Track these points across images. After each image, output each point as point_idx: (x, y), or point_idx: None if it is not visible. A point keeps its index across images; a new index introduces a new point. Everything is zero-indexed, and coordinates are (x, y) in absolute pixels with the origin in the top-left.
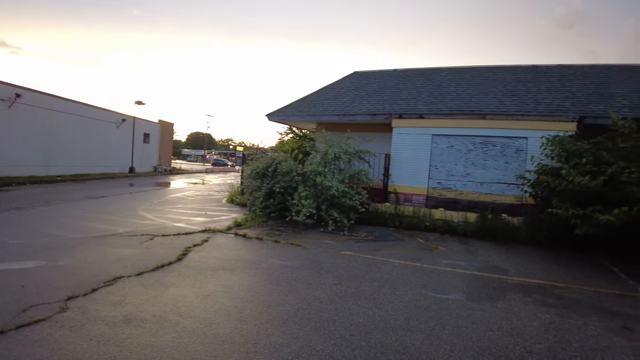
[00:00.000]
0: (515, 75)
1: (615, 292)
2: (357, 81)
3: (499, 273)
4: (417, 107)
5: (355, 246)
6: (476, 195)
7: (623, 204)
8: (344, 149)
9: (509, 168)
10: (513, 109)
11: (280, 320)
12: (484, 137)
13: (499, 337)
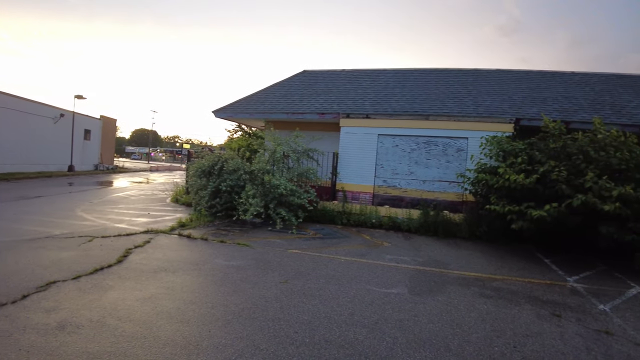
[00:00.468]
0: (457, 78)
1: (547, 282)
2: (306, 80)
3: (441, 267)
4: (363, 107)
5: (303, 244)
6: (419, 193)
7: (554, 200)
8: (292, 147)
9: (451, 167)
10: (455, 110)
11: (224, 320)
12: (427, 137)
13: (439, 329)
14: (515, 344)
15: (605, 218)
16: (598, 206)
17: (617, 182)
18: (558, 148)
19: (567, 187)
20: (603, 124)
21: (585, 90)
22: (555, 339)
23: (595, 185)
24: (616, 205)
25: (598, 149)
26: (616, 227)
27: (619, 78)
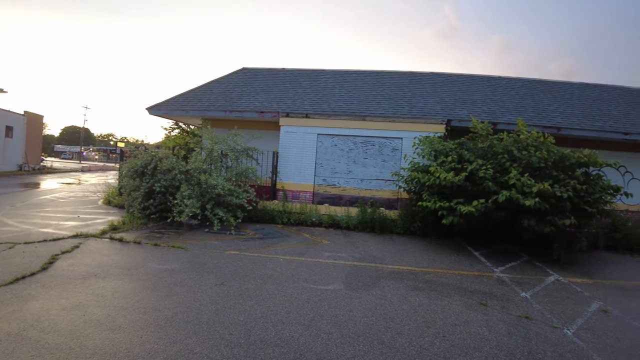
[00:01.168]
0: (393, 80)
1: (475, 273)
2: (245, 77)
3: (376, 262)
4: (303, 106)
5: (242, 245)
6: (358, 191)
7: (481, 196)
8: (231, 146)
9: (386, 166)
10: (390, 111)
11: (157, 326)
12: (364, 137)
13: (373, 322)
14: (444, 333)
15: (527, 212)
16: (520, 201)
17: (537, 179)
18: (485, 147)
19: (493, 184)
20: (526, 125)
21: (511, 94)
22: (481, 327)
23: (518, 182)
24: (536, 200)
25: (521, 149)
26: (536, 220)
27: (540, 83)
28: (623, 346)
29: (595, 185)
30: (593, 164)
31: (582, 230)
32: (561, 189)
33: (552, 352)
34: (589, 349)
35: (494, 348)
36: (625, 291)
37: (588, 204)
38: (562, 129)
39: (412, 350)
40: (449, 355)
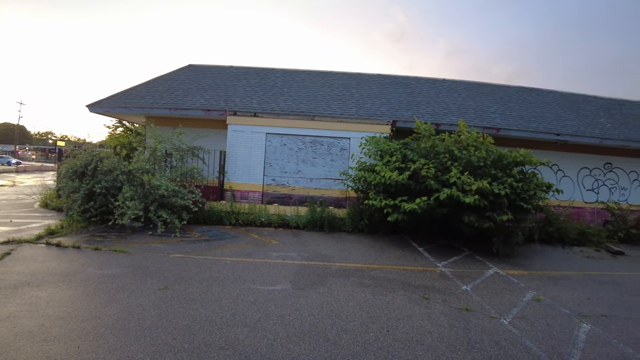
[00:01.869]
0: (341, 81)
1: (419, 268)
2: (191, 74)
3: (324, 260)
4: (251, 105)
5: (187, 247)
6: (307, 190)
7: (425, 194)
8: (175, 145)
9: (335, 165)
10: (338, 111)
11: (96, 334)
12: (313, 136)
13: (319, 320)
14: (388, 327)
15: (468, 209)
16: (461, 198)
17: (476, 177)
18: (428, 147)
19: (435, 182)
20: (467, 126)
21: (454, 96)
22: (424, 320)
23: (458, 180)
24: (475, 197)
25: (461, 148)
26: (476, 216)
27: (481, 86)
28: (553, 332)
29: (530, 183)
30: (528, 163)
31: (519, 225)
32: (499, 186)
33: (489, 341)
34: (523, 336)
35: (436, 340)
36: (556, 280)
37: (524, 200)
38: (500, 129)
39: (356, 346)
40: (392, 349)
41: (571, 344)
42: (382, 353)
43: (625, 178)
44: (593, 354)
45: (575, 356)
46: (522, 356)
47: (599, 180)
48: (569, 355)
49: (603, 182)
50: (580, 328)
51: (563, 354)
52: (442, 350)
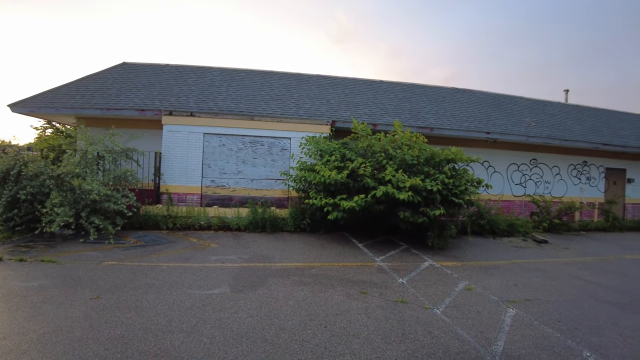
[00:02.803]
0: (281, 81)
1: (358, 264)
2: (125, 73)
3: (265, 261)
4: (188, 104)
5: (121, 254)
6: (248, 191)
7: (363, 192)
8: (108, 147)
9: (276, 165)
10: (278, 111)
11: (19, 351)
12: (252, 136)
13: (258, 322)
14: (326, 324)
15: (403, 205)
16: (396, 195)
17: (410, 175)
18: (365, 147)
19: (371, 180)
20: (402, 126)
21: (390, 97)
22: (361, 314)
23: (393, 178)
24: (409, 194)
25: (396, 147)
26: (411, 212)
27: (416, 87)
28: (482, 318)
29: (462, 179)
30: (459, 160)
31: (452, 219)
32: (431, 183)
33: (422, 331)
34: (454, 324)
35: (372, 333)
36: (487, 270)
37: (455, 195)
38: (434, 129)
39: (294, 344)
40: (329, 344)
41: (498, 329)
42: (319, 349)
43: (549, 172)
44: (517, 336)
45: (501, 339)
46: (453, 343)
47: (526, 175)
48: (495, 339)
49: (530, 176)
50: (506, 313)
51: (490, 338)
52: (377, 342)
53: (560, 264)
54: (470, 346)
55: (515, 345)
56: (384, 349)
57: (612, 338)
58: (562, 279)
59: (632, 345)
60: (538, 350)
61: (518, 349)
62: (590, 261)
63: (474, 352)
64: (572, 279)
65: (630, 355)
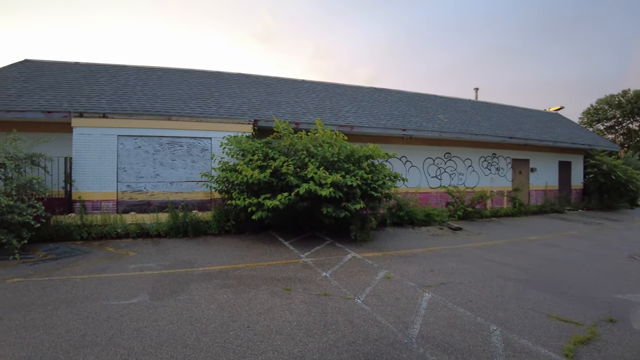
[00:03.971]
0: (200, 79)
1: (283, 262)
2: (28, 71)
3: (187, 267)
4: (100, 105)
5: (29, 269)
6: (167, 195)
7: (286, 190)
8: (10, 153)
9: (196, 167)
10: (197, 111)
11: None
12: (170, 137)
13: (178, 328)
14: (249, 323)
15: (326, 201)
16: (318, 192)
17: (331, 172)
18: (287, 145)
19: (294, 178)
20: (323, 124)
21: (312, 96)
22: (284, 311)
23: (315, 175)
24: (330, 189)
25: (317, 145)
26: (334, 207)
27: (337, 87)
28: (400, 304)
29: (380, 174)
30: (377, 156)
31: (374, 212)
32: (352, 178)
33: (344, 321)
34: (374, 311)
35: (294, 328)
36: (406, 258)
37: (374, 189)
38: (354, 127)
39: (216, 347)
40: (252, 343)
41: (415, 313)
42: (241, 349)
43: (462, 165)
44: (432, 318)
45: (417, 322)
46: (372, 330)
47: (441, 168)
48: (412, 322)
49: (444, 169)
50: (423, 297)
51: (407, 322)
52: (300, 336)
53: (473, 248)
54: (389, 331)
55: (430, 326)
56: (306, 342)
57: (515, 312)
58: (474, 262)
59: (532, 315)
60: (451, 329)
61: (433, 329)
62: (499, 244)
63: (392, 337)
64: (483, 261)
65: (529, 325)
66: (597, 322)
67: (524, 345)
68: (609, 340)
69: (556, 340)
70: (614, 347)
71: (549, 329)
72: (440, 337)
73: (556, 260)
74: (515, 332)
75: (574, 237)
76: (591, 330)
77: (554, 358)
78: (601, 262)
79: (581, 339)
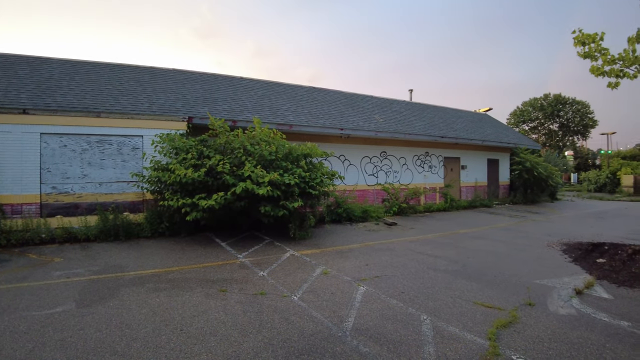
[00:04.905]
0: (132, 74)
1: (220, 263)
2: None
3: (117, 271)
4: (20, 100)
5: None
6: (96, 197)
7: (223, 190)
8: None
9: (127, 166)
10: (129, 107)
11: None
12: (99, 135)
13: (107, 335)
14: (182, 327)
15: (264, 199)
16: (256, 191)
17: (269, 170)
18: (223, 143)
19: (231, 177)
20: (261, 123)
21: (250, 94)
22: (219, 312)
23: (252, 173)
24: (268, 188)
25: (255, 144)
26: (272, 205)
27: (276, 85)
28: (335, 299)
29: (317, 172)
30: (315, 155)
31: (312, 210)
32: (290, 177)
33: (280, 318)
34: (310, 307)
35: (229, 329)
36: (343, 253)
37: (312, 187)
38: (293, 125)
39: (147, 352)
40: (185, 347)
41: (350, 306)
42: (174, 353)
43: (397, 163)
44: (366, 311)
45: (352, 316)
46: (308, 326)
47: (377, 166)
48: (347, 316)
49: (381, 167)
50: (358, 291)
51: (342, 316)
52: (235, 336)
53: (407, 242)
54: (324, 326)
55: (364, 319)
56: (241, 342)
57: (444, 301)
58: (407, 255)
59: (460, 304)
60: (384, 321)
61: (366, 322)
62: (431, 238)
63: (326, 331)
64: (416, 254)
65: (457, 312)
66: (518, 307)
67: (451, 332)
68: (527, 323)
69: (481, 325)
70: (532, 328)
71: (475, 316)
72: (373, 329)
73: (484, 251)
74: (444, 320)
75: (501, 229)
76: (512, 315)
77: (479, 342)
78: (523, 251)
79: (503, 322)
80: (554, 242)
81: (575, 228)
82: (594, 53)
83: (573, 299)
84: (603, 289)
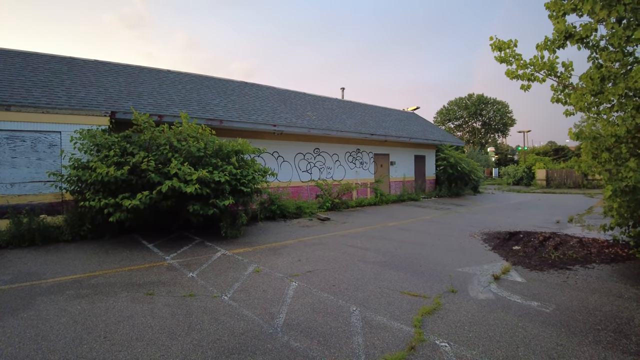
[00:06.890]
0: (48, 65)
1: (146, 265)
2: None
3: (33, 279)
4: None
5: None
6: (7, 199)
7: (148, 188)
8: None
9: (43, 165)
10: (44, 101)
11: None
12: (10, 131)
13: (19, 350)
14: (106, 334)
15: (193, 198)
16: (183, 189)
17: (198, 167)
18: (148, 140)
19: (156, 175)
20: (189, 118)
21: (178, 87)
22: (146, 316)
23: (179, 171)
24: (196, 186)
25: (181, 140)
26: (201, 204)
27: (205, 79)
28: (267, 296)
29: (249, 169)
30: (246, 151)
31: (245, 208)
32: (220, 174)
33: (209, 319)
34: (241, 306)
35: (157, 332)
36: (276, 250)
37: (244, 185)
38: (223, 121)
39: None
40: (109, 354)
41: (281, 302)
42: None
43: (330, 159)
44: (297, 306)
45: (283, 312)
46: (238, 325)
47: (311, 162)
48: (278, 312)
49: (314, 164)
50: (290, 287)
51: (274, 313)
52: (162, 340)
53: (339, 236)
54: (255, 324)
55: (295, 314)
56: (169, 346)
57: (373, 291)
58: (338, 249)
59: (387, 294)
60: (315, 314)
61: (298, 317)
62: (362, 231)
63: (257, 329)
64: (347, 248)
65: (385, 302)
66: (442, 294)
67: (379, 321)
68: (450, 309)
69: (407, 313)
70: (454, 313)
71: (402, 304)
72: (304, 323)
73: (411, 243)
74: (372, 311)
75: (427, 221)
76: (436, 302)
77: (405, 329)
78: (447, 241)
79: (428, 310)
80: (476, 232)
81: (495, 219)
82: (508, 58)
83: (491, 284)
84: (517, 274)
